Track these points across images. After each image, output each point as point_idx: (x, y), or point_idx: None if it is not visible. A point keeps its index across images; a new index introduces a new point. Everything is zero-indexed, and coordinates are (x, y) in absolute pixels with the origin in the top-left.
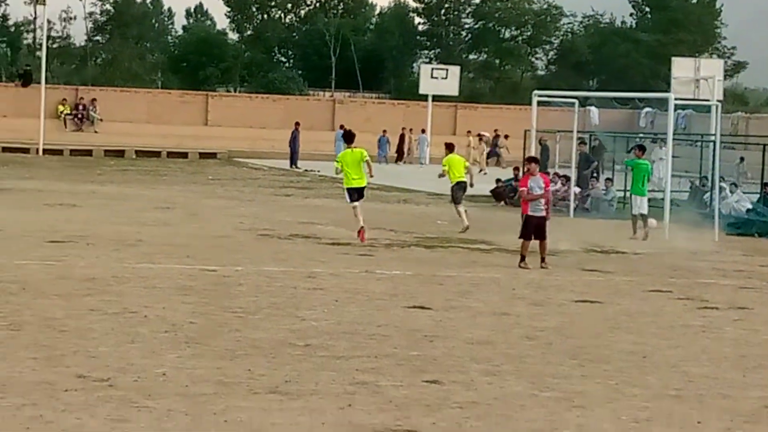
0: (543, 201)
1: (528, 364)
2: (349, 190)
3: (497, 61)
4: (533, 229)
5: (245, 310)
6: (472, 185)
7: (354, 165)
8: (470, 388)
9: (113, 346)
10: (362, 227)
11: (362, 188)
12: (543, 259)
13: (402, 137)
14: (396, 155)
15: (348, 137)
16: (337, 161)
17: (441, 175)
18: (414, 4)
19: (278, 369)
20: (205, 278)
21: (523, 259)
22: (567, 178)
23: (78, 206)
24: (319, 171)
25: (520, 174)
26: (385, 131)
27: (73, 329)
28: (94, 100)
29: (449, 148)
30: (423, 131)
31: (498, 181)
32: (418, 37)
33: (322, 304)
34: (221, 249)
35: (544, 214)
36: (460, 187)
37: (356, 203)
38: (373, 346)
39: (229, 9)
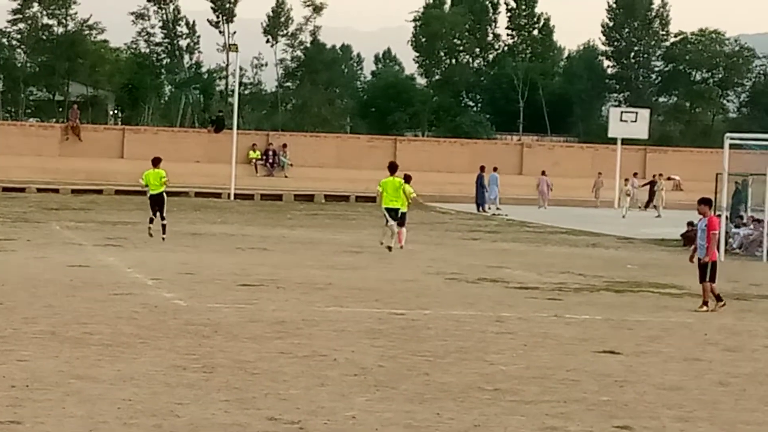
0: (705, 244)
1: (721, 411)
2: (386, 209)
3: (687, 104)
4: (700, 271)
5: (434, 354)
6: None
7: (392, 190)
8: None
9: (303, 389)
10: (389, 246)
11: (396, 209)
12: (716, 299)
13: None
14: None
15: (392, 168)
16: (380, 186)
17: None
18: (603, 48)
19: (467, 413)
20: (394, 322)
21: (704, 303)
22: (759, 222)
23: (268, 250)
24: (507, 215)
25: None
26: (495, 168)
27: (264, 372)
28: (284, 145)
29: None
30: (495, 169)
31: (689, 224)
32: (607, 80)
33: (511, 349)
34: (409, 293)
35: (703, 256)
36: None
37: (392, 223)
38: (562, 391)
39: (417, 54)
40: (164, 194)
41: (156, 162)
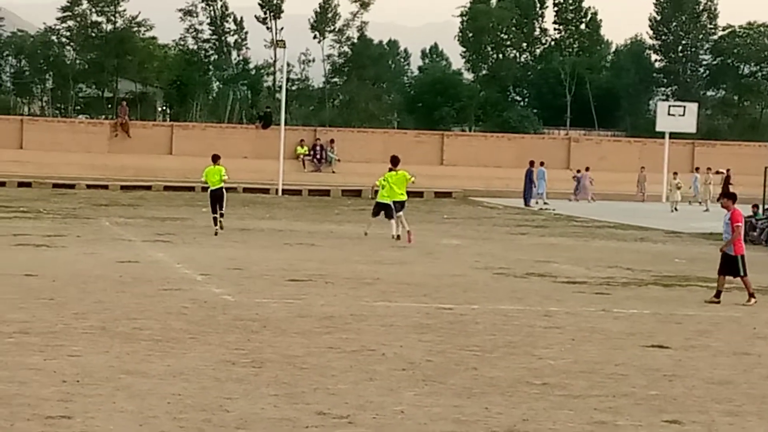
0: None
1: None
2: (395, 203)
3: (736, 98)
4: (723, 264)
5: (482, 349)
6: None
7: (399, 184)
8: (711, 428)
9: (352, 384)
10: (397, 235)
11: (402, 202)
12: (749, 296)
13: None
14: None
15: (395, 162)
16: (383, 181)
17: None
18: (651, 41)
19: (515, 408)
20: (442, 317)
21: (716, 294)
22: None
23: (316, 245)
24: (554, 209)
25: (760, 211)
26: (542, 163)
27: (313, 367)
28: (332, 140)
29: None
30: (542, 164)
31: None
32: (654, 74)
33: (559, 343)
34: (457, 287)
35: (728, 250)
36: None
37: (400, 214)
38: (611, 385)
39: (464, 49)
40: (223, 190)
41: (215, 159)
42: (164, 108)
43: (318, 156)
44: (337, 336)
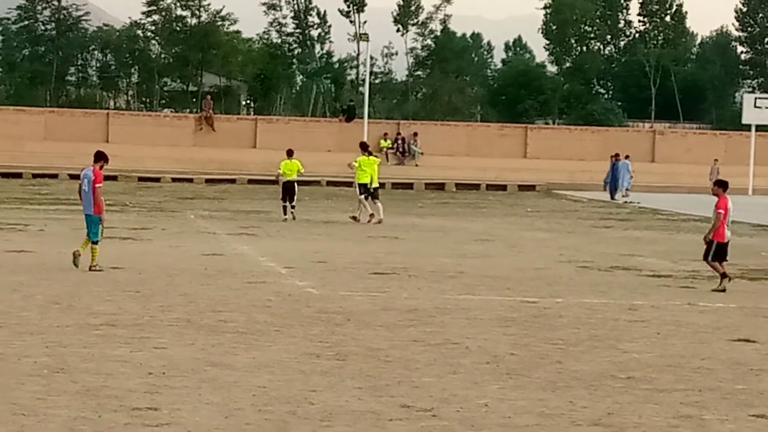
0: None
1: None
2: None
3: None
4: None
5: (566, 342)
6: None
7: (369, 166)
8: None
9: (436, 377)
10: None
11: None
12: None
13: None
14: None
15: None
16: (357, 162)
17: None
18: (737, 33)
19: (600, 401)
20: (526, 310)
21: (723, 276)
22: None
23: (400, 239)
24: (639, 203)
25: None
26: (626, 156)
27: (397, 359)
28: (415, 134)
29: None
30: (627, 157)
31: None
32: (740, 66)
33: (644, 337)
34: (541, 281)
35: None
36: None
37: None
38: (697, 379)
39: (548, 42)
40: (296, 183)
41: (290, 154)
42: (248, 101)
43: (401, 149)
44: (420, 329)
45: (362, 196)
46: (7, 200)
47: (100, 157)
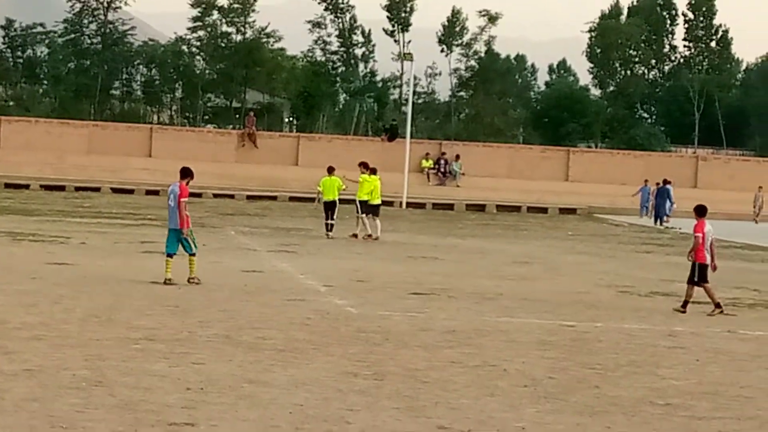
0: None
1: None
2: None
3: None
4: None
5: (604, 367)
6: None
7: (330, 188)
8: None
9: (473, 399)
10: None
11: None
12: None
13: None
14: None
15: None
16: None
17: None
18: None
19: (638, 427)
20: (564, 333)
21: (684, 304)
22: None
23: (440, 259)
24: (680, 228)
25: None
26: (646, 181)
27: (435, 380)
28: (457, 156)
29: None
30: (667, 182)
31: None
32: None
33: (683, 363)
34: (580, 305)
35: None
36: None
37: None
38: (735, 407)
39: (592, 65)
40: (337, 200)
41: (330, 171)
42: (291, 119)
43: (443, 170)
44: (459, 350)
45: (362, 214)
46: (50, 212)
47: (187, 174)
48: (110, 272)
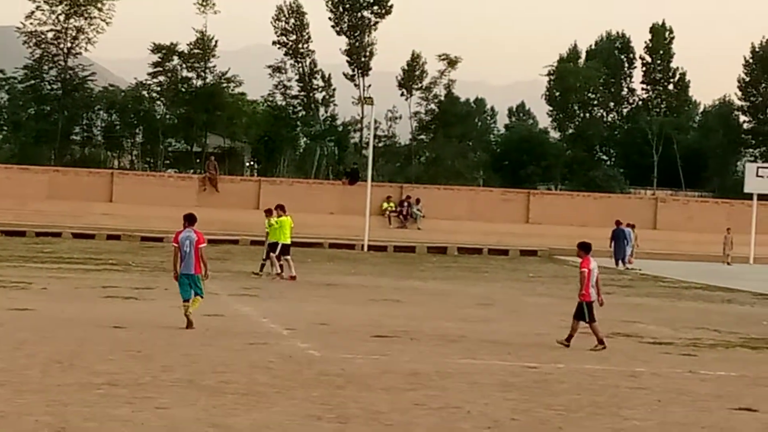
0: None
1: None
2: (285, 245)
3: None
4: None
5: (567, 408)
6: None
7: (289, 228)
8: None
9: None
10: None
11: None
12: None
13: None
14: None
15: (283, 209)
16: (276, 223)
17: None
18: (739, 102)
19: None
20: (527, 375)
21: (567, 338)
22: None
23: (402, 302)
24: (640, 269)
25: None
26: (628, 224)
27: (398, 423)
28: (418, 200)
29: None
30: (630, 225)
31: None
32: (743, 136)
33: (645, 404)
34: (542, 346)
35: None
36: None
37: (288, 256)
38: None
39: (551, 108)
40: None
41: (269, 213)
42: (252, 163)
43: (404, 212)
44: (422, 393)
45: (277, 254)
46: (11, 258)
47: (195, 219)
48: (72, 317)
